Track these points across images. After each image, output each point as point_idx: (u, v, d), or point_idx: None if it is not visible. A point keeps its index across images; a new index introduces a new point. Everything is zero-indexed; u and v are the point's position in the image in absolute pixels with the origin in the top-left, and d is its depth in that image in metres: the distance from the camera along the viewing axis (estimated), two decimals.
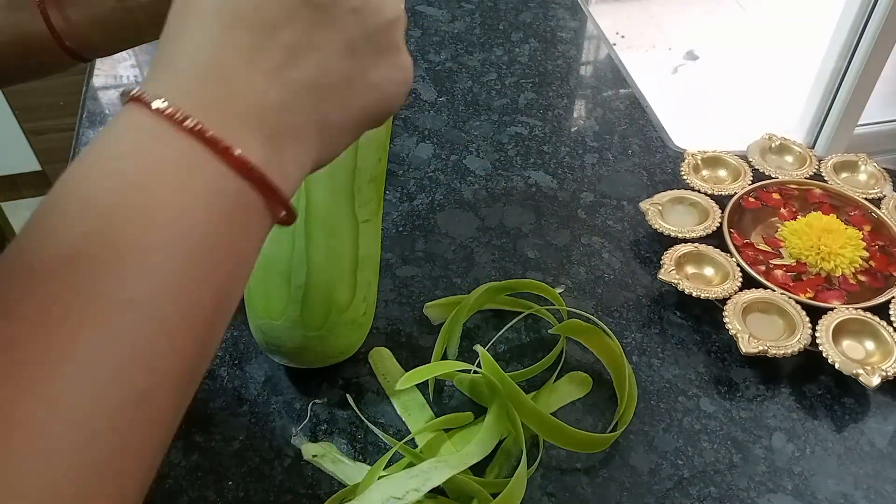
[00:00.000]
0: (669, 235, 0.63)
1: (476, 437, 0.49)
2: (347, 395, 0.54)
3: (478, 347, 0.54)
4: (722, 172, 0.70)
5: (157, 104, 0.25)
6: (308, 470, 0.50)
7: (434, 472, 0.46)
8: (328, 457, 0.50)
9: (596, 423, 0.53)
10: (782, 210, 0.66)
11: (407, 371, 0.55)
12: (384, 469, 0.47)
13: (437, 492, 0.47)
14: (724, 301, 0.58)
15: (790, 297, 0.58)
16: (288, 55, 0.27)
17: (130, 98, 0.25)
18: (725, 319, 0.56)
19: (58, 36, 0.43)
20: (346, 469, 0.49)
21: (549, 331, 0.59)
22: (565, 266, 0.64)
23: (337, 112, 0.29)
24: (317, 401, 0.54)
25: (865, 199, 0.66)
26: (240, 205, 0.26)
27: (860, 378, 0.52)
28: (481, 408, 0.53)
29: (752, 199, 0.67)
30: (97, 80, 0.83)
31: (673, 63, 2.44)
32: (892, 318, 0.56)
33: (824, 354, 0.54)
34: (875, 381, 0.51)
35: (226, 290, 0.27)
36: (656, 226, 0.64)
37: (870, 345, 0.56)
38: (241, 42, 0.26)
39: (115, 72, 0.84)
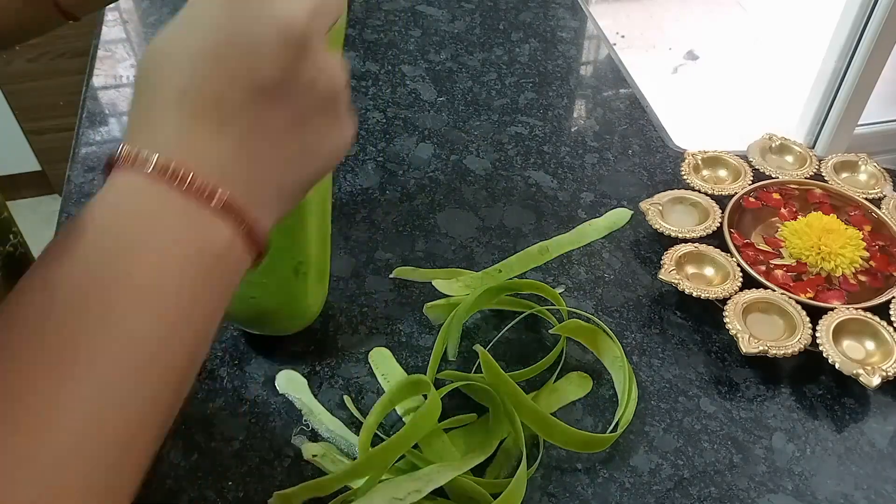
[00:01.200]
0: (669, 235, 0.63)
1: (477, 437, 0.49)
2: (346, 397, 0.54)
3: (478, 347, 0.54)
4: (722, 172, 0.70)
5: (151, 162, 0.27)
6: (308, 470, 0.50)
7: (436, 474, 0.46)
8: (328, 457, 0.50)
9: (596, 423, 0.53)
10: (782, 210, 0.66)
11: (407, 371, 0.55)
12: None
13: (437, 493, 0.47)
14: (724, 301, 0.58)
15: (790, 297, 0.58)
16: (246, 135, 0.30)
17: (118, 160, 0.28)
18: (725, 319, 0.56)
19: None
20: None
21: (549, 331, 0.59)
22: (565, 266, 0.64)
23: (290, 176, 0.32)
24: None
25: (866, 199, 0.66)
26: (222, 256, 0.29)
27: (860, 378, 0.52)
28: (481, 407, 0.53)
29: (752, 199, 0.67)
30: (97, 80, 0.83)
31: (673, 63, 2.44)
32: (893, 318, 0.56)
33: (824, 354, 0.54)
34: (875, 381, 0.51)
35: (203, 337, 0.29)
36: (656, 226, 0.64)
37: (870, 345, 0.56)
38: (204, 129, 0.29)
39: (114, 72, 0.84)
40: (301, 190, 0.33)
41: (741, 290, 0.58)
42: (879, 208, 0.65)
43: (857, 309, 0.57)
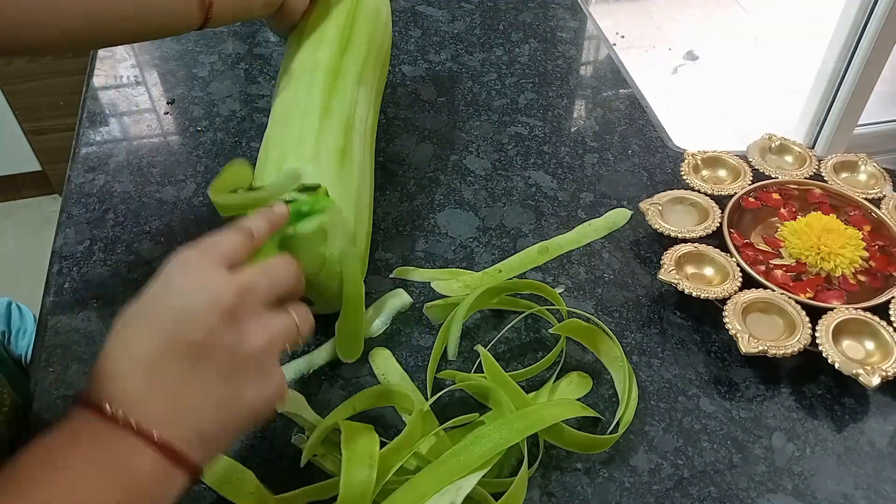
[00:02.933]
0: (669, 235, 0.63)
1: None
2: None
3: (478, 347, 0.54)
4: (722, 172, 0.70)
5: (106, 407, 0.36)
6: (308, 470, 0.50)
7: (464, 482, 0.46)
8: (328, 457, 0.50)
9: (596, 423, 0.53)
10: (782, 210, 0.66)
11: (407, 371, 0.55)
12: (392, 474, 0.47)
13: None
14: (724, 301, 0.58)
15: (790, 297, 0.58)
16: (176, 385, 0.37)
17: (78, 398, 0.37)
18: (725, 319, 0.56)
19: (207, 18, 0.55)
20: None
21: (549, 331, 0.59)
22: (565, 266, 0.64)
23: (214, 420, 0.38)
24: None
25: (865, 199, 0.66)
26: (146, 478, 0.36)
27: (860, 378, 0.52)
28: (481, 407, 0.53)
29: (752, 199, 0.67)
30: (97, 80, 0.83)
31: (673, 63, 2.44)
32: (892, 318, 0.56)
33: (824, 354, 0.54)
34: (875, 381, 0.51)
35: None
36: (656, 226, 0.64)
37: (870, 345, 0.56)
38: (139, 378, 0.37)
39: (115, 72, 0.84)
40: (228, 432, 0.39)
41: (741, 290, 0.58)
42: (879, 208, 0.65)
43: (856, 309, 0.57)
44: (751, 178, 0.68)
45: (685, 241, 0.63)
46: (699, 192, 0.67)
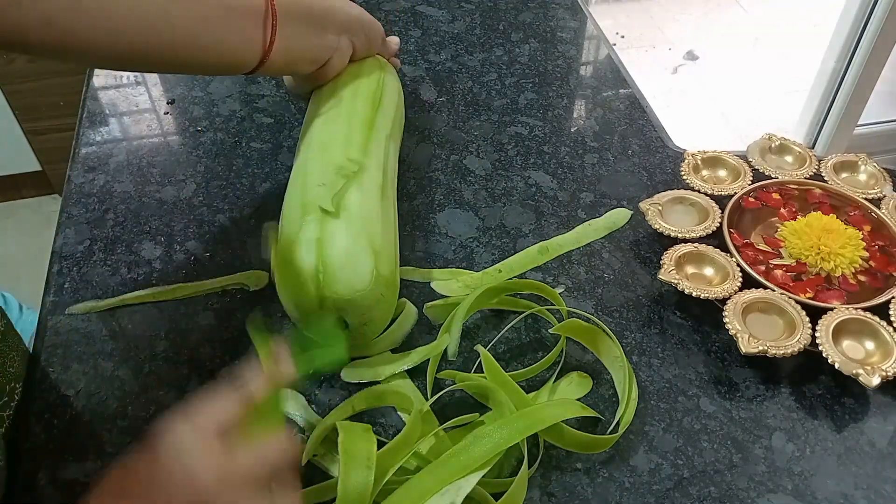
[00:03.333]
0: (669, 235, 0.63)
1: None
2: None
3: (478, 347, 0.54)
4: (722, 172, 0.70)
5: None
6: (308, 470, 0.50)
7: (463, 483, 0.46)
8: (328, 456, 0.50)
9: (596, 423, 0.53)
10: (782, 210, 0.66)
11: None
12: (393, 474, 0.47)
13: None
14: (724, 301, 0.58)
15: (790, 297, 0.58)
16: None
17: None
18: (725, 319, 0.56)
19: (266, 54, 0.56)
20: None
21: (549, 331, 0.59)
22: (565, 266, 0.64)
23: None
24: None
25: (865, 199, 0.66)
26: None
27: (860, 378, 0.52)
28: (481, 407, 0.53)
29: (751, 199, 0.67)
30: (97, 80, 0.83)
31: (673, 63, 2.44)
32: (892, 318, 0.56)
33: (824, 354, 0.54)
34: (875, 381, 0.51)
35: None
36: (656, 226, 0.64)
37: (870, 345, 0.56)
38: None
39: (114, 72, 0.84)
40: None
41: (741, 290, 0.58)
42: (879, 208, 0.65)
43: (856, 309, 0.57)
44: (751, 178, 0.68)
45: (685, 241, 0.63)
46: (699, 192, 0.67)
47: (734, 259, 0.61)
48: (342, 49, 0.63)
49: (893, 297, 0.58)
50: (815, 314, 0.57)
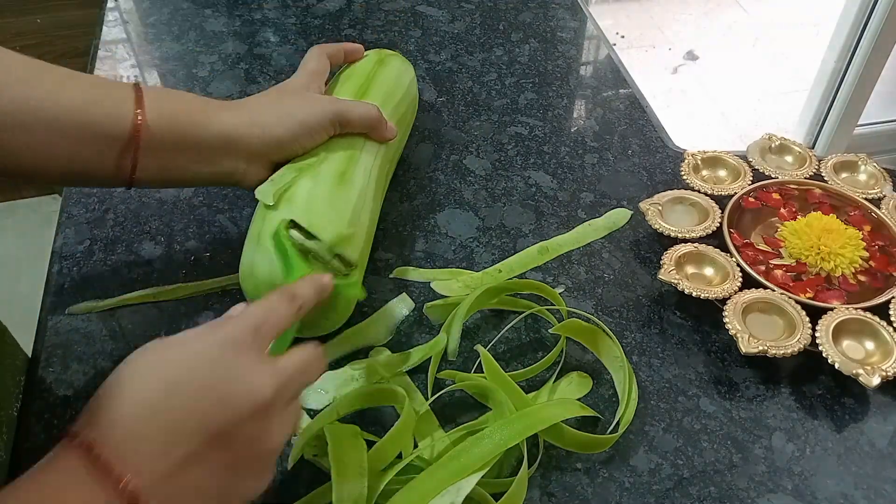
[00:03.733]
0: (669, 235, 0.63)
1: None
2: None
3: (478, 347, 0.54)
4: (722, 172, 0.70)
5: (94, 448, 0.34)
6: (308, 470, 0.50)
7: (463, 483, 0.46)
8: (325, 458, 0.50)
9: (596, 423, 0.53)
10: (782, 210, 0.66)
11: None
12: (393, 475, 0.47)
13: None
14: (724, 301, 0.58)
15: (790, 297, 0.58)
16: (181, 461, 0.36)
17: (69, 436, 0.35)
18: (725, 319, 0.56)
19: (132, 178, 0.53)
20: None
21: (549, 331, 0.59)
22: (565, 266, 0.64)
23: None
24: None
25: (865, 199, 0.66)
26: None
27: (860, 378, 0.52)
28: (481, 407, 0.53)
29: (751, 199, 0.67)
30: None
31: (673, 63, 2.44)
32: (892, 318, 0.56)
33: (824, 354, 0.54)
34: (875, 381, 0.51)
35: None
36: (656, 226, 0.64)
37: (870, 345, 0.56)
38: (152, 445, 0.35)
39: (115, 72, 0.84)
40: None
41: (741, 290, 0.58)
42: (879, 208, 0.65)
43: (856, 309, 0.57)
44: (751, 178, 0.68)
45: (685, 241, 0.63)
46: (699, 192, 0.67)
47: (734, 259, 0.61)
48: (249, 172, 0.56)
49: (893, 297, 0.58)
50: (815, 314, 0.57)
